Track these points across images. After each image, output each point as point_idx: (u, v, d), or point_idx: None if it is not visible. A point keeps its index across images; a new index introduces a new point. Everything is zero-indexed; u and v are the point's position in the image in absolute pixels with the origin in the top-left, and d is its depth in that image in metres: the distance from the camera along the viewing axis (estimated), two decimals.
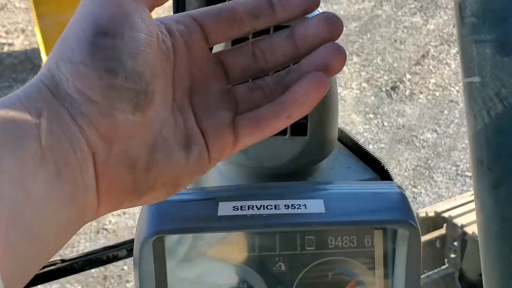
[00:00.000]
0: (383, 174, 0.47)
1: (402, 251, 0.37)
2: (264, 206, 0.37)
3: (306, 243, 0.38)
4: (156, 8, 0.30)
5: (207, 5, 0.65)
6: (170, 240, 0.36)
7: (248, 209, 0.36)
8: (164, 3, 0.29)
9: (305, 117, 0.43)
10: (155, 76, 0.27)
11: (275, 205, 0.37)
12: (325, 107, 0.44)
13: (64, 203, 0.24)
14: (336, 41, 0.32)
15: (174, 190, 0.29)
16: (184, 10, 0.67)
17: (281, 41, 0.32)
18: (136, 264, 0.35)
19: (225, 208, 0.36)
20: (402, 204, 0.37)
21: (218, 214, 0.36)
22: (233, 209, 0.36)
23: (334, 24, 0.31)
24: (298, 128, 0.44)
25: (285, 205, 0.37)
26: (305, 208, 0.37)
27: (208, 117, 0.30)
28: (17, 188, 0.22)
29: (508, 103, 0.47)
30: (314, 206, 0.37)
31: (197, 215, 0.36)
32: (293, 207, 0.37)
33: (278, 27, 0.41)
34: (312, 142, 0.44)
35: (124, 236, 2.16)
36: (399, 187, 0.39)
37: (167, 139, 0.28)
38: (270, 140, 0.44)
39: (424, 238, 1.61)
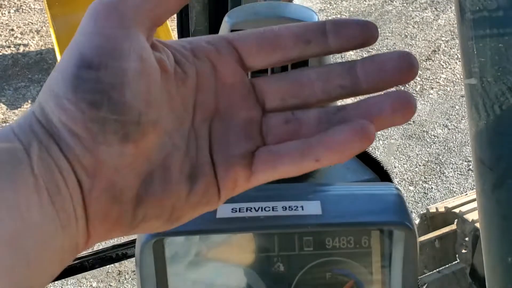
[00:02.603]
0: (382, 175, 0.47)
1: (398, 252, 0.38)
2: (262, 208, 0.37)
3: (304, 244, 0.38)
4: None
5: (208, 19, 0.67)
6: (170, 242, 0.37)
7: (247, 211, 0.37)
8: (162, 23, 0.27)
9: None
10: (153, 104, 0.26)
11: (272, 207, 0.37)
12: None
13: (57, 230, 0.24)
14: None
15: (172, 223, 0.28)
16: (187, 25, 0.68)
17: (341, 70, 0.28)
18: (137, 266, 0.36)
19: (223, 210, 0.37)
20: (399, 205, 0.38)
21: (217, 216, 0.37)
22: (232, 211, 0.37)
23: (410, 64, 0.27)
24: None
25: (282, 207, 0.37)
26: (302, 209, 0.37)
27: (223, 147, 0.28)
28: (14, 214, 0.22)
29: (508, 103, 0.47)
30: (311, 207, 0.37)
31: (196, 218, 0.37)
32: (290, 209, 0.37)
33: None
34: None
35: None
36: (397, 188, 0.40)
37: (168, 169, 0.26)
38: None
39: (435, 234, 1.60)
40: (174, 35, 2.88)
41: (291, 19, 0.41)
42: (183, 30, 0.70)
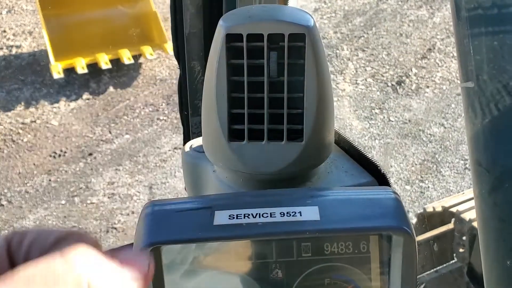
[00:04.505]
0: (380, 177, 0.47)
1: (397, 257, 0.37)
2: (259, 214, 0.37)
3: (303, 249, 0.38)
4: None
5: (203, 22, 0.67)
6: (167, 250, 0.37)
7: (244, 218, 0.37)
8: None
9: (301, 122, 0.44)
10: None
11: (270, 213, 0.37)
12: (320, 112, 0.44)
13: None
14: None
15: None
16: (182, 27, 0.68)
17: None
18: None
19: (221, 217, 0.37)
20: (397, 210, 0.38)
21: (214, 224, 0.36)
22: (229, 218, 0.37)
23: None
24: (294, 133, 0.44)
25: (280, 213, 0.37)
26: (300, 215, 0.37)
27: None
28: None
29: (505, 105, 0.47)
30: (309, 213, 0.37)
31: (193, 225, 0.36)
32: (288, 215, 0.37)
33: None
34: (309, 147, 0.44)
35: (133, 235, 2.18)
36: (395, 192, 0.39)
37: None
38: (267, 146, 0.44)
39: (432, 233, 1.60)
40: (168, 35, 2.87)
41: (286, 22, 0.41)
42: (178, 33, 0.70)
